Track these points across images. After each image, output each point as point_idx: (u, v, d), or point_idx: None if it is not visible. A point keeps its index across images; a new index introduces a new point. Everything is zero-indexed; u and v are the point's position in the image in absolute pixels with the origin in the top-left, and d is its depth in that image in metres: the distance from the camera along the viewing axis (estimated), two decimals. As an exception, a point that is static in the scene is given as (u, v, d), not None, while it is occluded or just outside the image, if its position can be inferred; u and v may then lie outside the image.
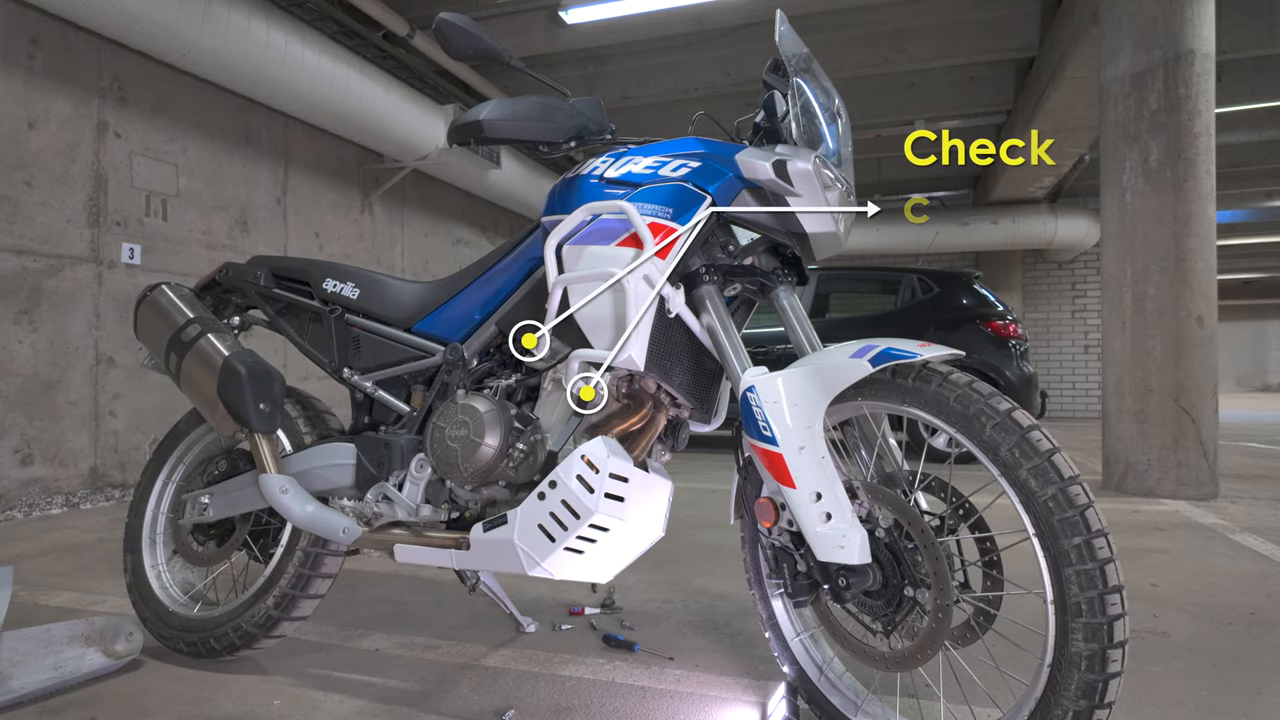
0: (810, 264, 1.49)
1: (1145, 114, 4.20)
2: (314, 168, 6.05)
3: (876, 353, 1.20)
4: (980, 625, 1.30)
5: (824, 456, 1.24)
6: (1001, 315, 5.72)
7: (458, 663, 1.81)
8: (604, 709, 1.55)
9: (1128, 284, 4.28)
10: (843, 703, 1.46)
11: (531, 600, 2.29)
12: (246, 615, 1.76)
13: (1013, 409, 1.15)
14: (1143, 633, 2.01)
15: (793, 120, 1.43)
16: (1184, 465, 4.13)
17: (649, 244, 1.35)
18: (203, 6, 4.10)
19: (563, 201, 1.54)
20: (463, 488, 1.56)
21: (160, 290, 1.91)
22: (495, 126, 1.46)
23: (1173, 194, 4.14)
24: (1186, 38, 4.12)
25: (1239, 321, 22.51)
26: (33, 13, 3.96)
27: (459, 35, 1.44)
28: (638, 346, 1.36)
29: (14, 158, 3.90)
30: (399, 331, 1.73)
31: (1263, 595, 2.34)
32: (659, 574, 2.61)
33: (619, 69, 7.13)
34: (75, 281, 4.18)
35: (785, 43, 1.47)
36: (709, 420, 1.58)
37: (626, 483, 1.35)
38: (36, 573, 2.69)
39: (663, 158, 1.46)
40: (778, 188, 1.37)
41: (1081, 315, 11.11)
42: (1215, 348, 4.21)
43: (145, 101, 4.61)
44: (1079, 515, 1.07)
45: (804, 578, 1.29)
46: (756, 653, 1.86)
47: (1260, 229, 13.25)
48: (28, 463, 3.91)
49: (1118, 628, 1.06)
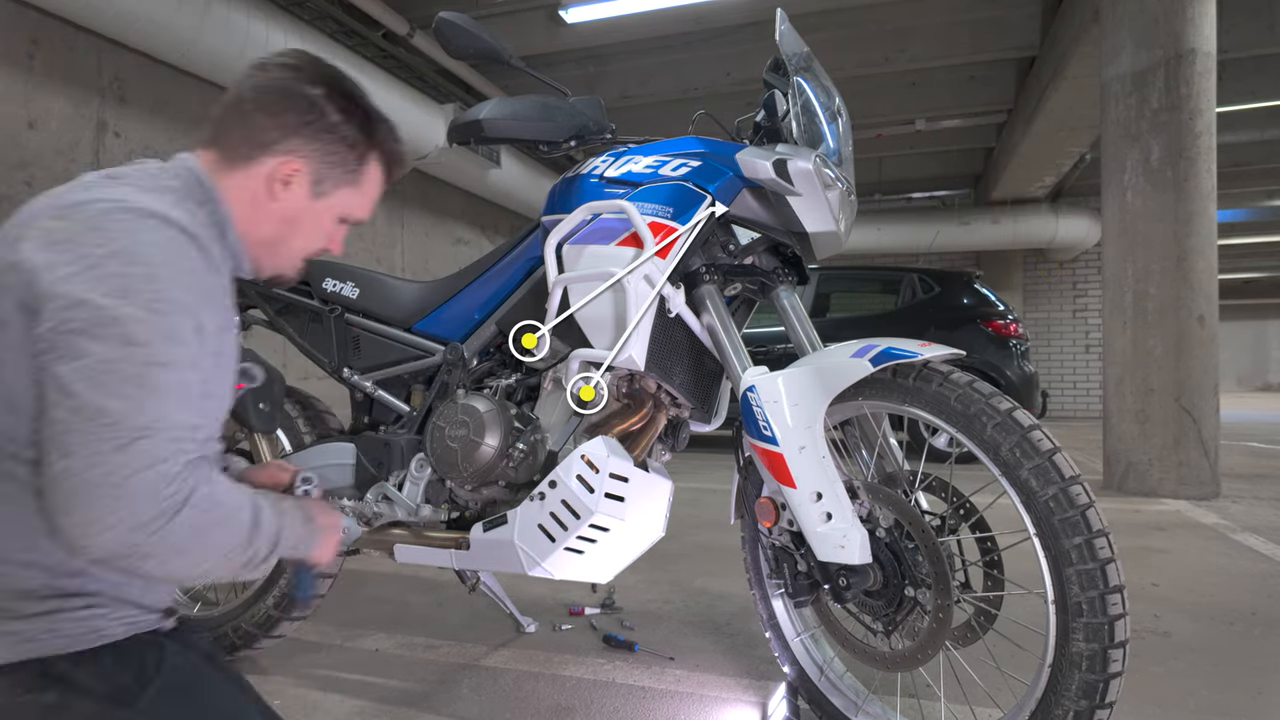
0: (810, 263, 1.48)
1: (1146, 113, 4.19)
2: (314, 167, 6.06)
3: (877, 352, 1.19)
4: (981, 625, 1.30)
5: (824, 456, 1.23)
6: (1002, 315, 5.71)
7: (458, 663, 1.81)
8: (604, 709, 1.55)
9: (1129, 283, 4.27)
10: (843, 703, 1.46)
11: (531, 600, 2.29)
12: (246, 615, 1.76)
13: (1013, 409, 1.15)
14: (1144, 633, 2.00)
15: (793, 119, 1.42)
16: (1185, 465, 4.12)
17: (649, 243, 1.34)
18: (202, 6, 4.10)
19: (563, 201, 1.53)
20: (463, 488, 1.55)
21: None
22: (495, 126, 1.46)
23: (1174, 193, 4.13)
24: (1188, 37, 4.11)
25: (1240, 321, 22.48)
26: (32, 12, 3.96)
27: (459, 34, 1.43)
28: (638, 346, 1.36)
29: (14, 157, 3.90)
30: (399, 331, 1.73)
31: (1264, 595, 2.34)
32: (659, 574, 2.60)
33: (619, 69, 7.12)
34: (75, 281, 4.18)
35: (785, 42, 1.47)
36: (709, 420, 1.58)
37: (626, 483, 1.35)
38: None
39: (663, 157, 1.46)
40: (778, 187, 1.36)
41: (1082, 315, 11.10)
42: (1216, 347, 4.21)
43: (145, 101, 4.60)
44: (1080, 515, 1.07)
45: (804, 578, 1.29)
46: (757, 653, 1.86)
47: (1261, 228, 13.24)
48: (28, 462, 3.91)
49: (1119, 627, 1.06)
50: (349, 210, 0.96)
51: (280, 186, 0.89)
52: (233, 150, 0.88)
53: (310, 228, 0.94)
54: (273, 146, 0.88)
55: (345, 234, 1.00)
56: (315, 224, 0.94)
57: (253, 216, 0.89)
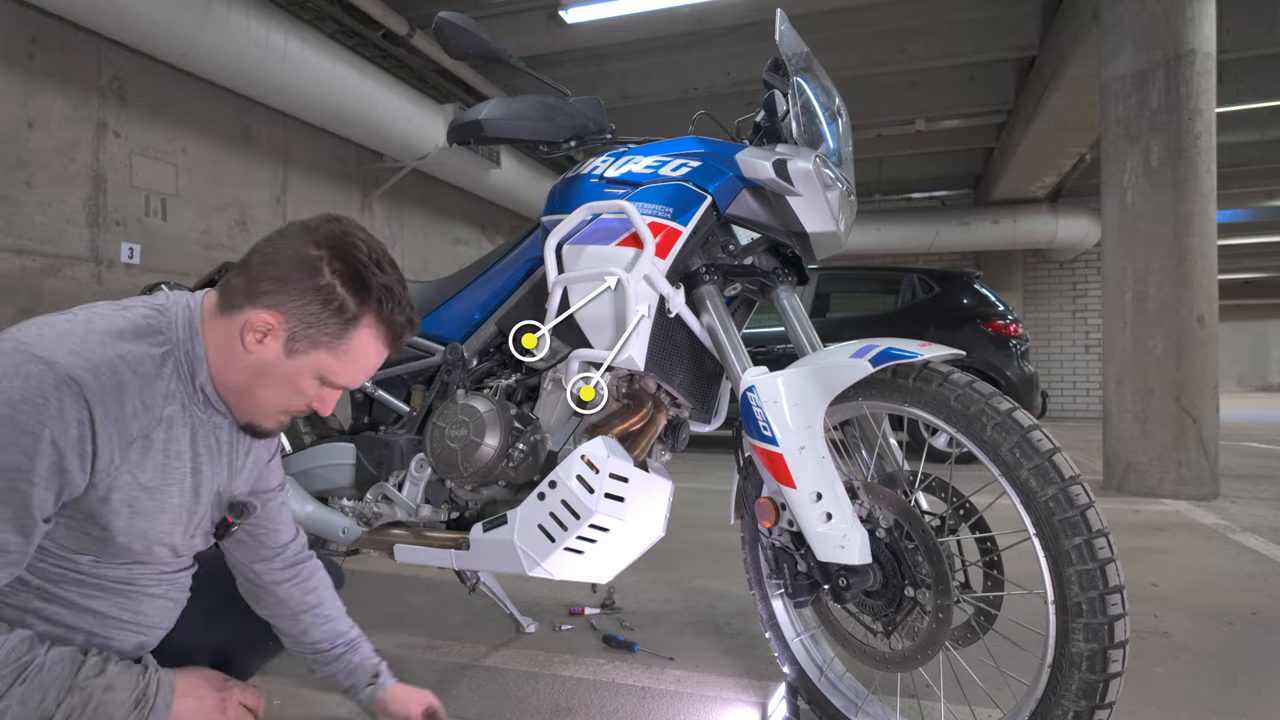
0: (810, 263, 1.48)
1: (1146, 113, 4.19)
2: (313, 167, 6.05)
3: (877, 353, 1.19)
4: (981, 625, 1.30)
5: (824, 456, 1.23)
6: (1002, 315, 5.71)
7: (458, 663, 1.81)
8: (604, 709, 1.55)
9: (1129, 283, 4.27)
10: (843, 703, 1.46)
11: (531, 600, 2.29)
12: None
13: (1013, 409, 1.15)
14: (1144, 633, 2.00)
15: (793, 119, 1.42)
16: (1185, 465, 4.12)
17: (649, 243, 1.34)
18: (202, 6, 4.10)
19: (563, 201, 1.53)
20: (462, 488, 1.55)
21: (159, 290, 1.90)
22: (495, 126, 1.46)
23: (1173, 193, 4.13)
24: (1187, 37, 4.11)
25: (1240, 321, 22.50)
26: (32, 12, 3.96)
27: (459, 35, 1.43)
28: (638, 346, 1.36)
29: (13, 157, 3.90)
30: (399, 331, 1.72)
31: (1263, 595, 2.34)
32: (659, 574, 2.60)
33: (619, 69, 7.13)
34: (74, 281, 4.18)
35: (785, 42, 1.47)
36: (709, 420, 1.57)
37: (626, 483, 1.35)
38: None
39: (663, 157, 1.46)
40: (778, 187, 1.36)
41: (1082, 315, 11.10)
42: (1216, 347, 4.21)
43: (144, 101, 4.60)
44: (1079, 515, 1.07)
45: (804, 578, 1.29)
46: (756, 653, 1.86)
47: (1261, 229, 13.25)
48: (28, 462, 3.91)
49: (1118, 628, 1.06)
50: (327, 374, 0.95)
51: (253, 338, 0.90)
52: (229, 297, 0.92)
53: (283, 384, 0.94)
54: (261, 299, 0.90)
55: (336, 398, 1.00)
56: (288, 382, 0.94)
57: (226, 363, 0.92)
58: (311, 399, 0.96)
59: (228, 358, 0.92)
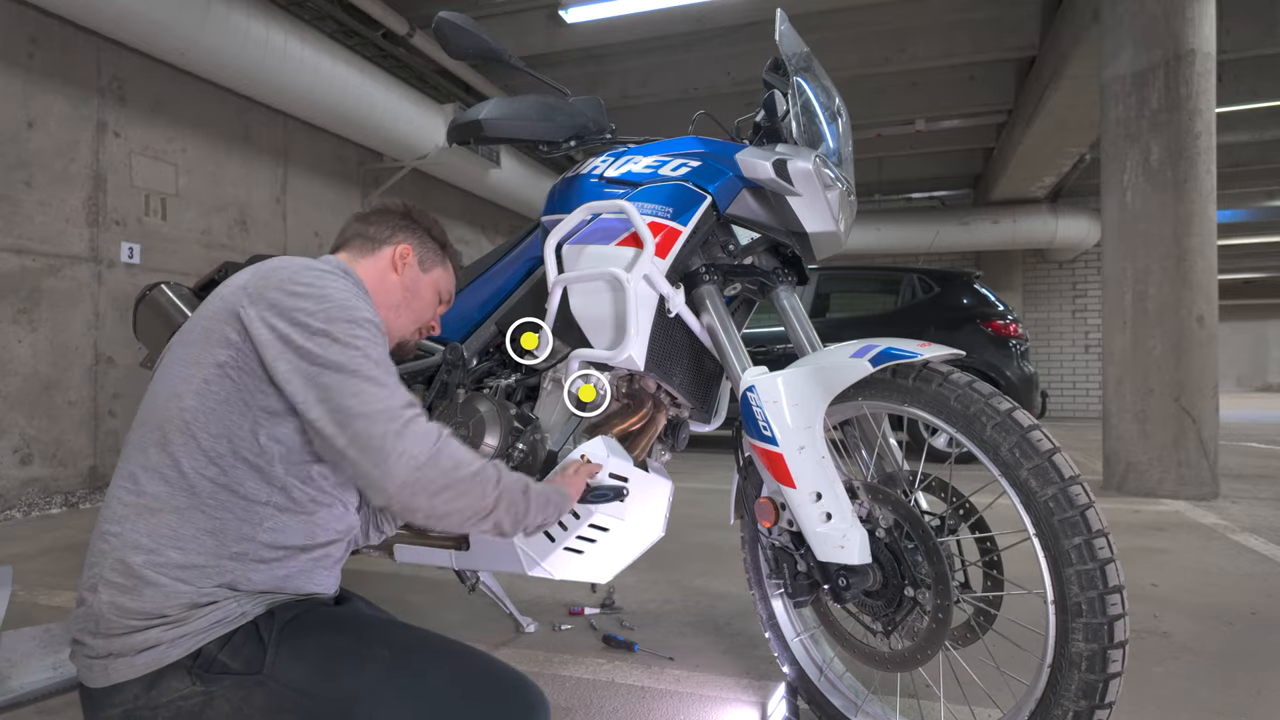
0: (810, 263, 1.48)
1: (1146, 113, 4.19)
2: (313, 167, 6.05)
3: (877, 353, 1.19)
4: (980, 625, 1.30)
5: (824, 456, 1.23)
6: (1002, 315, 5.71)
7: (457, 663, 1.80)
8: (604, 709, 1.55)
9: (1128, 284, 4.27)
10: (843, 703, 1.46)
11: (531, 600, 2.29)
12: None
13: (1013, 409, 1.15)
14: (1143, 633, 2.00)
15: (793, 119, 1.42)
16: (1184, 465, 4.12)
17: (649, 243, 1.34)
18: (202, 5, 4.10)
19: (563, 201, 1.53)
20: (462, 487, 1.55)
21: (159, 290, 1.90)
22: (495, 126, 1.46)
23: (1173, 193, 4.13)
24: (1187, 37, 4.11)
25: (1240, 321, 22.50)
26: (32, 12, 3.96)
27: (459, 34, 1.43)
28: (638, 346, 1.36)
29: (13, 157, 3.89)
30: (398, 331, 1.72)
31: (1263, 595, 2.34)
32: (659, 574, 2.60)
33: (619, 69, 7.12)
34: (74, 281, 4.18)
35: (785, 42, 1.47)
36: (709, 420, 1.57)
37: (626, 483, 1.35)
38: (36, 573, 2.69)
39: (663, 157, 1.46)
40: (778, 187, 1.36)
41: (1082, 315, 11.10)
42: (1216, 347, 4.21)
43: (144, 101, 4.60)
44: (1079, 515, 1.07)
45: (804, 578, 1.29)
46: (756, 653, 1.86)
47: (1260, 229, 13.25)
48: (27, 463, 3.91)
49: (1118, 628, 1.06)
50: (442, 285, 1.28)
51: (401, 262, 1.22)
52: (359, 249, 1.22)
53: (422, 296, 1.24)
54: (397, 235, 1.23)
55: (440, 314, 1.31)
56: (424, 294, 1.25)
57: (383, 287, 1.20)
58: (434, 315, 1.28)
59: (382, 281, 1.20)
